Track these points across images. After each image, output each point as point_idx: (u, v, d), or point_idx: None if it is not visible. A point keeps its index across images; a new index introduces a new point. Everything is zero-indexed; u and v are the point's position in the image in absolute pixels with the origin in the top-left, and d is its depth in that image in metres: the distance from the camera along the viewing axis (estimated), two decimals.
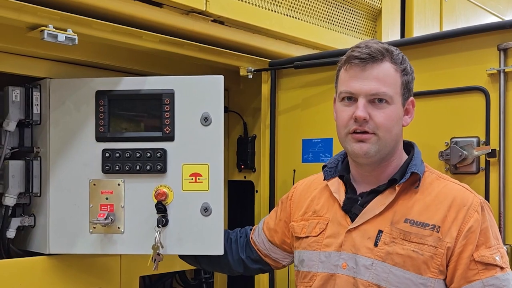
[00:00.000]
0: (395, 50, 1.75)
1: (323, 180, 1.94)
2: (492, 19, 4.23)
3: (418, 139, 1.91)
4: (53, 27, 1.93)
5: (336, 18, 3.02)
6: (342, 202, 1.83)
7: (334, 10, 3.01)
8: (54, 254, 2.19)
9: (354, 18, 3.15)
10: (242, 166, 2.96)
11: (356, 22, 3.17)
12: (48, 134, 2.19)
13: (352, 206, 1.80)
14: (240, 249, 2.18)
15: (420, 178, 1.75)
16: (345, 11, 3.08)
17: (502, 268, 1.64)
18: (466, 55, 2.11)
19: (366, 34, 3.24)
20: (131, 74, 2.44)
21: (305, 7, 2.82)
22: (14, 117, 2.18)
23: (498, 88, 2.02)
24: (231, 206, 3.04)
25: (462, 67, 2.12)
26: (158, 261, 2.08)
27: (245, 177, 2.99)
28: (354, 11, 3.15)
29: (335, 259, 1.78)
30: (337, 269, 1.77)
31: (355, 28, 3.16)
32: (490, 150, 2.02)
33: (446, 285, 1.69)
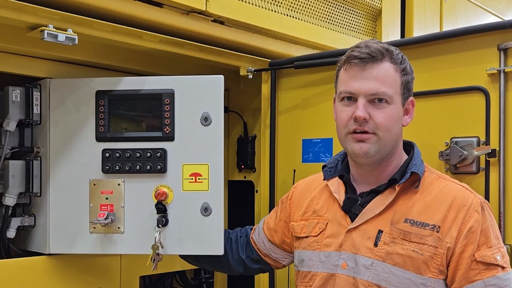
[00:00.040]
0: (395, 50, 1.75)
1: (323, 180, 1.94)
2: (492, 19, 4.22)
3: (418, 139, 1.91)
4: (53, 27, 1.93)
5: (336, 18, 3.02)
6: (342, 202, 1.83)
7: (334, 10, 3.01)
8: (54, 254, 2.19)
9: (354, 18, 3.15)
10: (242, 166, 2.96)
11: (356, 22, 3.17)
12: (48, 134, 2.19)
13: (352, 206, 1.80)
14: (240, 249, 2.18)
15: (420, 178, 1.75)
16: (345, 11, 3.08)
17: (503, 267, 1.64)
18: (466, 55, 2.11)
19: (366, 34, 3.24)
20: (131, 74, 2.43)
21: (305, 7, 2.82)
22: (14, 117, 2.18)
23: (498, 88, 2.02)
24: (231, 206, 3.04)
25: (462, 67, 2.12)
26: (157, 261, 2.08)
27: (245, 177, 2.99)
28: (354, 11, 3.15)
29: (335, 259, 1.78)
30: (337, 269, 1.77)
31: (355, 28, 3.16)
32: (490, 150, 2.02)
33: (446, 285, 1.68)
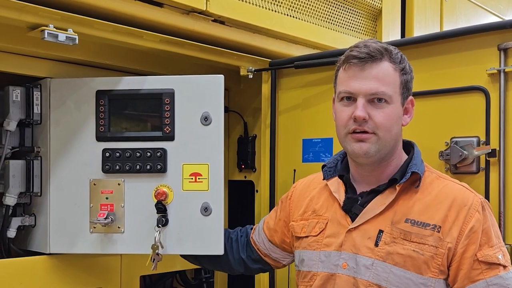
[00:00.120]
0: (394, 50, 1.75)
1: (323, 179, 1.94)
2: (492, 19, 4.22)
3: (418, 139, 1.91)
4: (53, 27, 1.93)
5: (336, 18, 3.02)
6: (342, 202, 1.83)
7: (334, 10, 3.01)
8: (55, 253, 2.19)
9: (355, 18, 3.15)
10: (243, 166, 2.96)
11: (356, 22, 3.17)
12: (48, 133, 2.20)
13: (352, 206, 1.80)
14: (241, 248, 2.18)
15: (420, 178, 1.75)
16: (345, 11, 3.08)
17: (504, 266, 1.65)
18: (466, 55, 2.11)
19: (366, 34, 3.24)
20: (132, 73, 2.43)
21: (305, 7, 2.82)
22: (15, 116, 2.18)
23: (498, 88, 2.02)
24: (232, 206, 3.04)
25: (462, 67, 2.12)
26: (157, 261, 2.08)
27: (245, 177, 2.99)
28: (355, 11, 3.15)
29: (335, 259, 1.77)
30: (337, 268, 1.77)
31: (356, 28, 3.16)
32: (490, 150, 2.03)
33: (447, 285, 1.69)
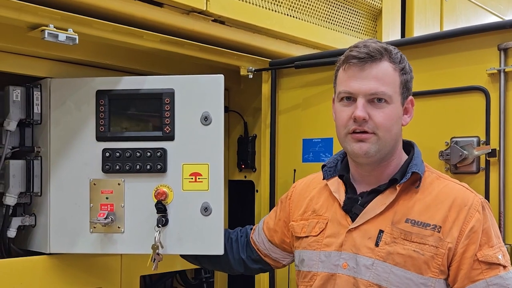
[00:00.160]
0: (394, 49, 1.75)
1: (323, 179, 1.94)
2: (492, 19, 4.22)
3: (418, 139, 1.91)
4: (53, 27, 1.93)
5: (336, 18, 3.02)
6: (342, 202, 1.83)
7: (334, 10, 3.01)
8: (55, 253, 2.19)
9: (355, 18, 3.15)
10: (243, 166, 2.96)
11: (356, 21, 3.17)
12: (48, 133, 2.20)
13: (352, 206, 1.80)
14: (241, 249, 2.18)
15: (420, 178, 1.74)
16: (345, 11, 3.08)
17: (504, 266, 1.65)
18: (466, 55, 2.11)
19: (366, 34, 3.24)
20: (132, 73, 2.43)
21: (305, 7, 2.82)
22: (15, 116, 2.18)
23: (498, 88, 2.02)
24: (232, 205, 3.04)
25: (462, 67, 2.12)
26: (157, 261, 2.08)
27: (245, 176, 2.99)
28: (355, 11, 3.15)
29: (335, 259, 1.77)
30: (337, 269, 1.76)
31: (356, 27, 3.16)
32: (490, 150, 2.02)
33: (447, 285, 1.69)
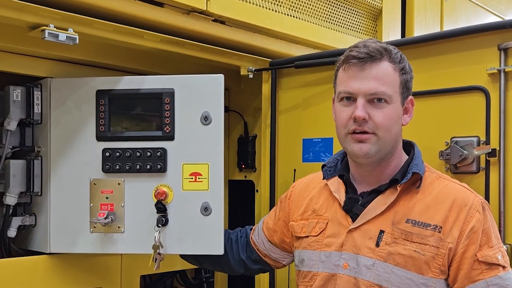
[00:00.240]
0: (394, 49, 1.74)
1: (323, 179, 1.94)
2: (493, 19, 4.22)
3: (418, 139, 1.91)
4: (54, 27, 1.93)
5: (336, 18, 3.02)
6: (342, 202, 1.83)
7: (334, 10, 3.01)
8: (55, 253, 2.19)
9: (355, 18, 3.15)
10: (243, 166, 2.96)
11: (356, 21, 3.17)
12: (49, 133, 2.20)
13: (353, 206, 1.80)
14: (240, 249, 2.18)
15: (421, 178, 1.74)
16: (345, 11, 3.08)
17: (504, 267, 1.65)
18: (466, 55, 2.11)
19: (366, 34, 3.24)
20: (132, 73, 2.43)
21: (306, 7, 2.82)
22: (15, 116, 2.18)
23: (498, 87, 2.02)
24: (232, 205, 3.04)
25: (462, 67, 2.12)
26: (159, 260, 2.08)
27: (245, 176, 2.98)
28: (355, 11, 3.15)
29: (336, 259, 1.77)
30: (337, 269, 1.76)
31: (356, 27, 3.16)
32: (490, 150, 2.02)
33: (447, 285, 1.69)
